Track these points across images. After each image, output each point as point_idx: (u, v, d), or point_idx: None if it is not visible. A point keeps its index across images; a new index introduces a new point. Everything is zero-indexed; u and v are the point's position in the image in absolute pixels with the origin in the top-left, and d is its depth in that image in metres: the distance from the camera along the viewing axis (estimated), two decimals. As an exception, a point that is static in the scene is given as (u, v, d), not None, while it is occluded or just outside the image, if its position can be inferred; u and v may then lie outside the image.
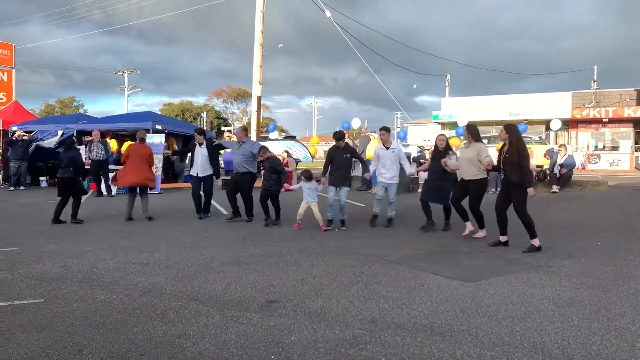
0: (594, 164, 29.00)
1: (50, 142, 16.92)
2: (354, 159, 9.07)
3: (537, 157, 18.12)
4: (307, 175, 8.87)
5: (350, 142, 15.91)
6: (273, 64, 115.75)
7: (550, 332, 3.90)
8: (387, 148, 8.95)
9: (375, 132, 16.52)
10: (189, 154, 11.79)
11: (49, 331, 3.95)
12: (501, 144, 7.30)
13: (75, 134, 16.50)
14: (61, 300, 4.75)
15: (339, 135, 8.92)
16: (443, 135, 8.90)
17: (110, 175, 14.67)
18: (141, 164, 9.75)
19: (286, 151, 17.82)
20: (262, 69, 20.05)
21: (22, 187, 16.22)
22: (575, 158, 17.34)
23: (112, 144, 16.31)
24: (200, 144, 10.19)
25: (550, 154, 16.20)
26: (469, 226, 8.05)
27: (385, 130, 9.10)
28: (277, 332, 3.90)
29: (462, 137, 17.18)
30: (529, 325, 4.06)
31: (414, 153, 17.12)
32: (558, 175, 15.08)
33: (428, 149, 16.54)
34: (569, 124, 30.78)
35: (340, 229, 8.70)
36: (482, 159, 7.59)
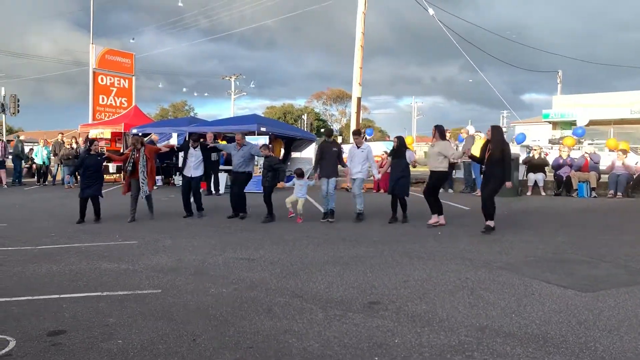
0: None
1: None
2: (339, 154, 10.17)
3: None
4: (299, 173, 10.06)
5: (452, 143, 15.47)
6: (371, 65, 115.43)
7: (684, 352, 3.51)
8: (358, 147, 10.06)
9: (480, 132, 15.90)
10: (181, 155, 12.17)
11: (166, 320, 4.23)
12: (484, 140, 8.66)
13: (187, 137, 17.64)
14: (176, 291, 5.07)
15: (329, 132, 10.56)
16: (400, 136, 10.26)
17: (221, 175, 15.50)
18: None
19: (385, 152, 17.76)
20: (362, 70, 20.12)
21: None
22: None
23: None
24: (195, 147, 10.63)
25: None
26: (435, 218, 9.06)
27: (357, 134, 10.37)
28: (380, 334, 3.88)
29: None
30: (657, 342, 3.69)
31: (523, 154, 16.12)
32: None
33: (536, 150, 15.64)
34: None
35: (329, 220, 9.59)
36: (448, 155, 9.01)
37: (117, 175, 20.46)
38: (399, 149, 9.63)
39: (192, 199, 10.50)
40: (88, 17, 26.83)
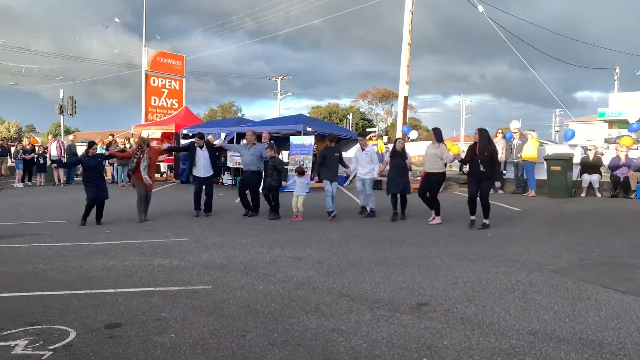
0: None
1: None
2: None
3: None
4: (300, 171, 10.44)
5: (502, 143, 15.09)
6: (417, 62, 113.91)
7: None
8: (363, 150, 10.61)
9: (533, 131, 15.43)
10: (186, 155, 12.49)
11: (216, 315, 4.33)
12: (473, 142, 9.04)
13: (235, 136, 18.04)
14: (226, 287, 5.18)
15: (331, 137, 10.69)
16: (401, 139, 10.94)
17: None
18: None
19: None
20: (409, 69, 19.93)
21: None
22: None
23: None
24: (201, 147, 10.64)
25: None
26: (435, 216, 9.42)
27: (362, 136, 11.33)
28: (428, 335, 3.84)
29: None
30: None
31: (578, 155, 15.38)
32: None
33: (592, 149, 15.04)
34: None
35: (331, 219, 9.89)
36: (443, 157, 9.38)
37: (168, 174, 21.04)
38: (403, 151, 10.14)
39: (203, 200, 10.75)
40: (139, 21, 27.69)
